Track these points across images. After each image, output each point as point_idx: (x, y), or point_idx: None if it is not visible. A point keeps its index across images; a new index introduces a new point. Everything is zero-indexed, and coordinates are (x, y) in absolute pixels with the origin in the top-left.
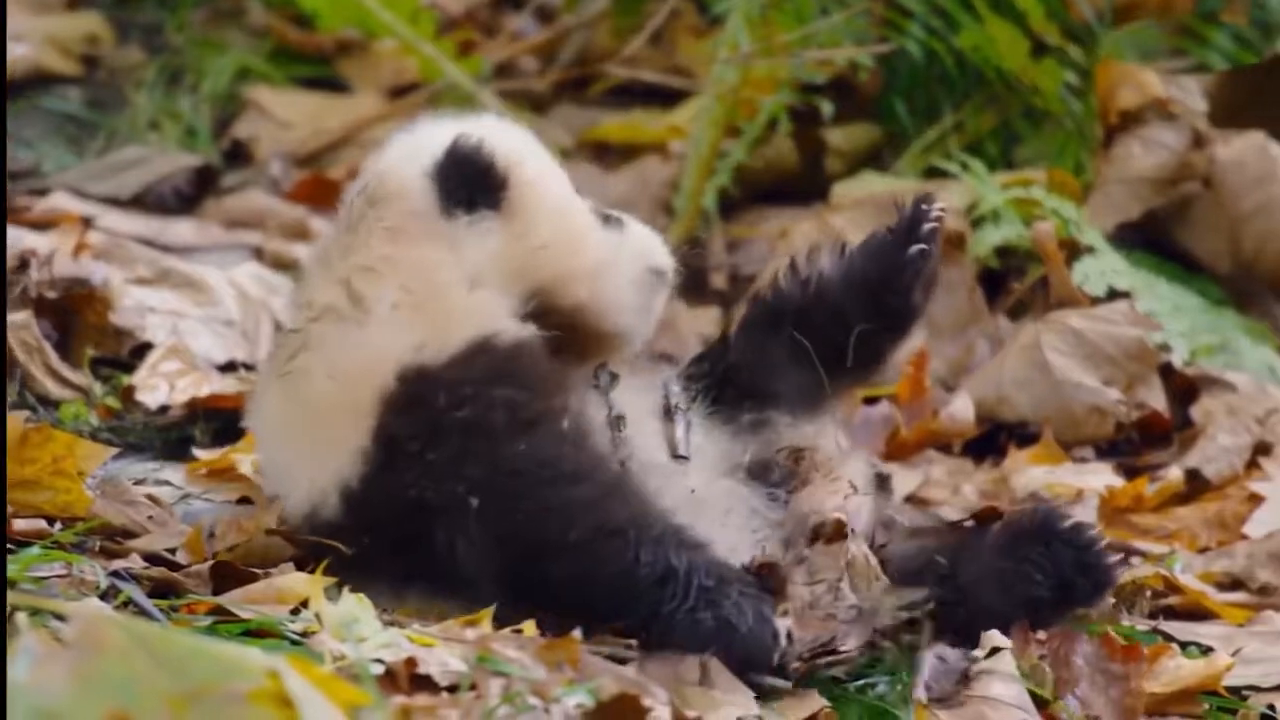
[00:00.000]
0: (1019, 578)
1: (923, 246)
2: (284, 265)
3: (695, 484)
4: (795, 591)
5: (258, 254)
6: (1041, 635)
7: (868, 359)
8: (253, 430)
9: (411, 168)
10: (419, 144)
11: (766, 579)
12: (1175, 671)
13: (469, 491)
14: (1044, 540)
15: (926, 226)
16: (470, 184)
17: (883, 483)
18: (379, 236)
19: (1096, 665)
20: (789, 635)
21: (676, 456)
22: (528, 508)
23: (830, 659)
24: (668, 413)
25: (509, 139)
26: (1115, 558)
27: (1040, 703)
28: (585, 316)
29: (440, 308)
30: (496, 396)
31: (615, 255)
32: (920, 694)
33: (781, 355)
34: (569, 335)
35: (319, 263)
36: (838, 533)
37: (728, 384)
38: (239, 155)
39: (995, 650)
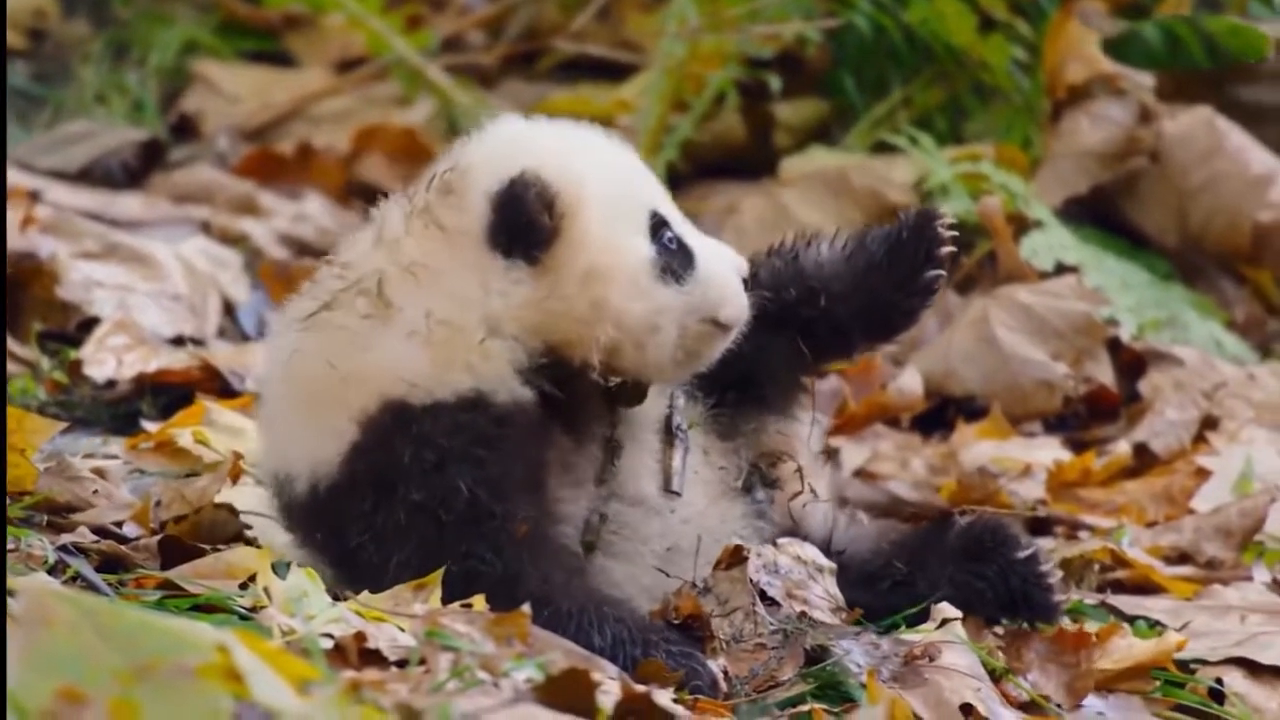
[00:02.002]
0: (972, 591)
1: (939, 272)
2: (232, 239)
3: (692, 511)
4: (718, 626)
5: (205, 228)
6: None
7: (847, 357)
8: (258, 374)
9: (485, 180)
10: (507, 154)
11: (692, 627)
12: (1126, 649)
13: (401, 569)
14: (997, 562)
15: (943, 250)
16: (513, 232)
17: (831, 458)
18: (433, 238)
19: (1048, 656)
20: (726, 675)
21: (668, 491)
22: (454, 594)
23: (773, 689)
24: (669, 434)
25: (579, 178)
26: (1061, 596)
27: (993, 675)
28: (611, 371)
29: (449, 349)
30: (460, 479)
31: (662, 317)
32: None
33: (779, 359)
34: (579, 391)
35: (379, 225)
36: (736, 558)
37: (730, 388)
38: (186, 129)
39: (946, 621)
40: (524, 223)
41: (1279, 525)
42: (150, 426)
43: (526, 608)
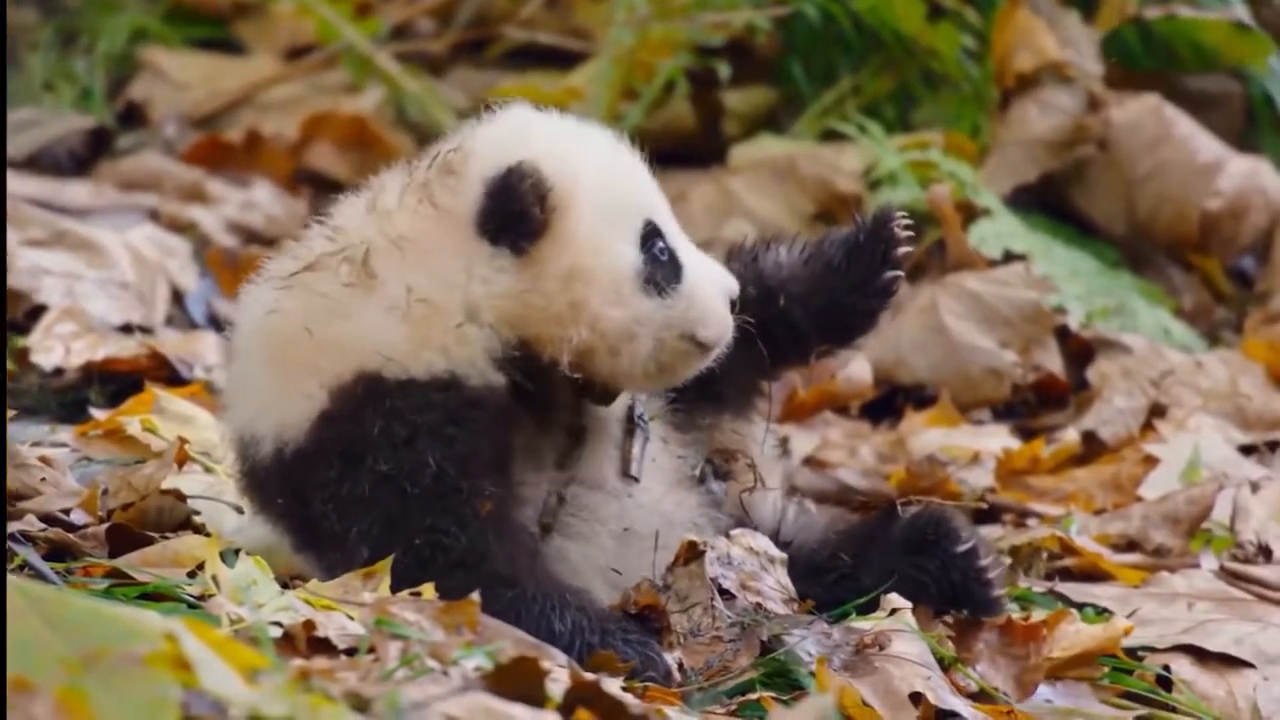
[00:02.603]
0: (916, 584)
1: (897, 274)
2: (180, 227)
3: (649, 498)
4: (677, 622)
5: (153, 216)
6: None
7: (805, 360)
8: (232, 327)
9: (484, 164)
10: (509, 142)
11: (651, 619)
12: (1074, 636)
13: (361, 539)
14: (938, 555)
15: (900, 251)
16: (503, 220)
17: (782, 446)
18: (425, 215)
19: (997, 648)
20: (680, 667)
21: (627, 476)
22: (417, 576)
23: (727, 677)
24: (630, 425)
25: (576, 176)
26: (1001, 590)
27: (942, 664)
28: (582, 373)
29: (425, 327)
30: (429, 454)
31: (639, 327)
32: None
33: (738, 360)
34: (549, 382)
35: (375, 193)
36: (693, 554)
37: (689, 385)
38: (134, 117)
39: (895, 610)
40: (515, 212)
41: (1226, 513)
42: (99, 414)
43: (476, 596)
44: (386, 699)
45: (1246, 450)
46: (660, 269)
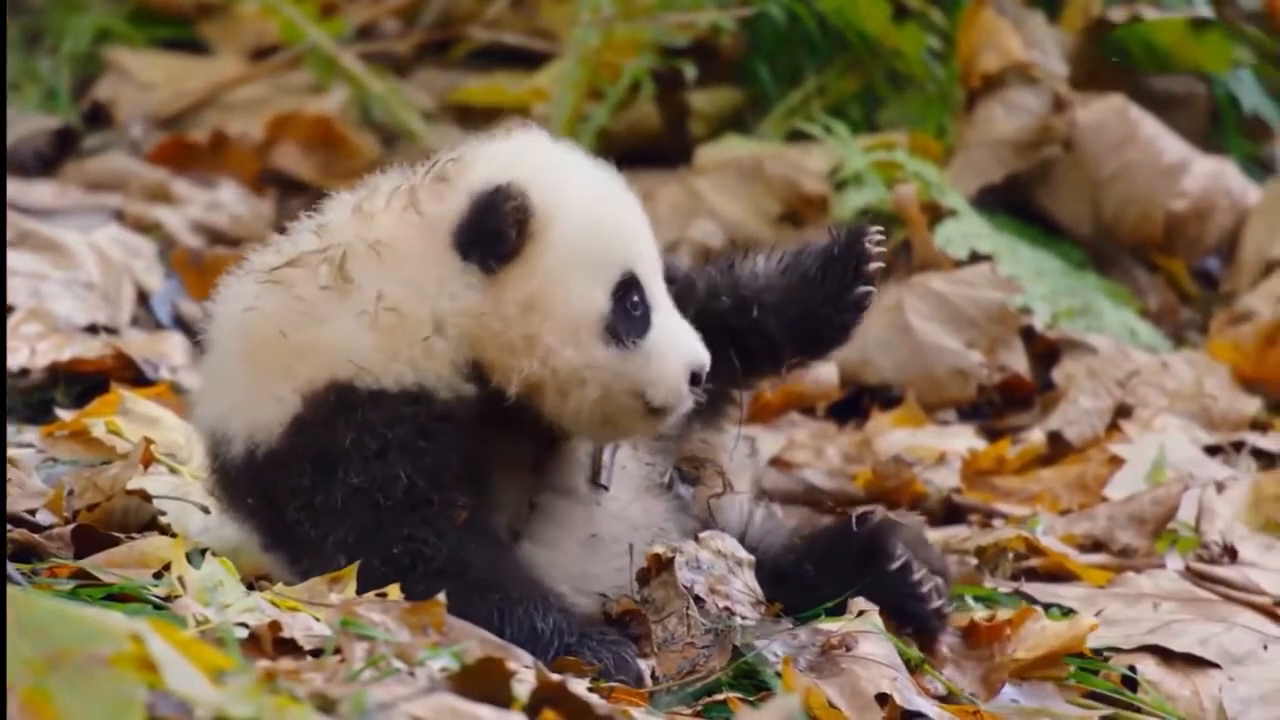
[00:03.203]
0: (875, 597)
1: (869, 288)
2: (145, 227)
3: (616, 505)
4: (654, 631)
5: (119, 216)
6: None
7: (777, 371)
8: (210, 318)
9: (475, 178)
10: (507, 162)
11: (632, 625)
12: (1040, 635)
13: (338, 548)
14: (874, 573)
15: (872, 266)
16: (478, 236)
17: (751, 448)
18: (408, 221)
19: (962, 650)
20: (653, 673)
21: (596, 484)
22: (399, 576)
23: (696, 678)
24: None
25: (561, 209)
26: (937, 603)
27: (909, 665)
28: (531, 407)
29: (393, 337)
30: (400, 467)
31: (590, 373)
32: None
33: (711, 370)
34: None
35: (366, 193)
36: (662, 565)
37: None
38: (99, 117)
39: (862, 612)
40: (491, 230)
41: (1192, 513)
42: (64, 415)
43: (442, 597)
44: (352, 700)
45: (1212, 451)
46: (626, 321)
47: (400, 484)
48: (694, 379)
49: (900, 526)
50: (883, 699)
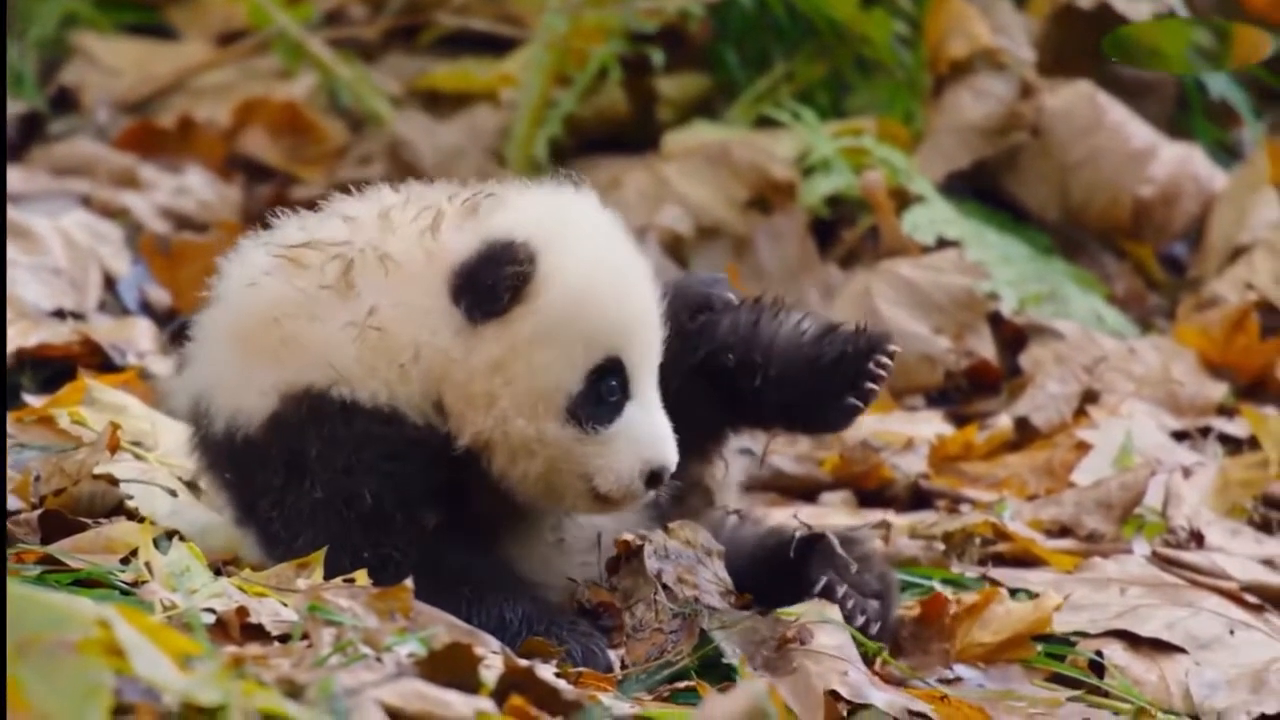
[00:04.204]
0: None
1: (859, 404)
2: (112, 213)
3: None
4: (624, 619)
5: (85, 202)
6: None
7: (763, 432)
8: (220, 273)
9: (495, 225)
10: (535, 217)
11: (604, 617)
12: (1005, 618)
13: (308, 548)
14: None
15: (869, 386)
16: (471, 284)
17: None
18: (424, 243)
19: (915, 635)
20: (622, 662)
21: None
22: (371, 577)
23: (664, 664)
24: None
25: (562, 281)
26: (867, 623)
27: (866, 655)
28: (481, 459)
29: (374, 356)
30: (364, 487)
31: (540, 447)
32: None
33: (706, 410)
34: None
35: (401, 199)
36: (631, 553)
37: None
38: (66, 102)
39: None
40: (486, 285)
41: (1158, 498)
42: (32, 400)
43: (409, 583)
44: (320, 685)
45: (1179, 436)
46: (594, 407)
47: (365, 502)
48: (653, 478)
49: (828, 553)
50: (834, 695)
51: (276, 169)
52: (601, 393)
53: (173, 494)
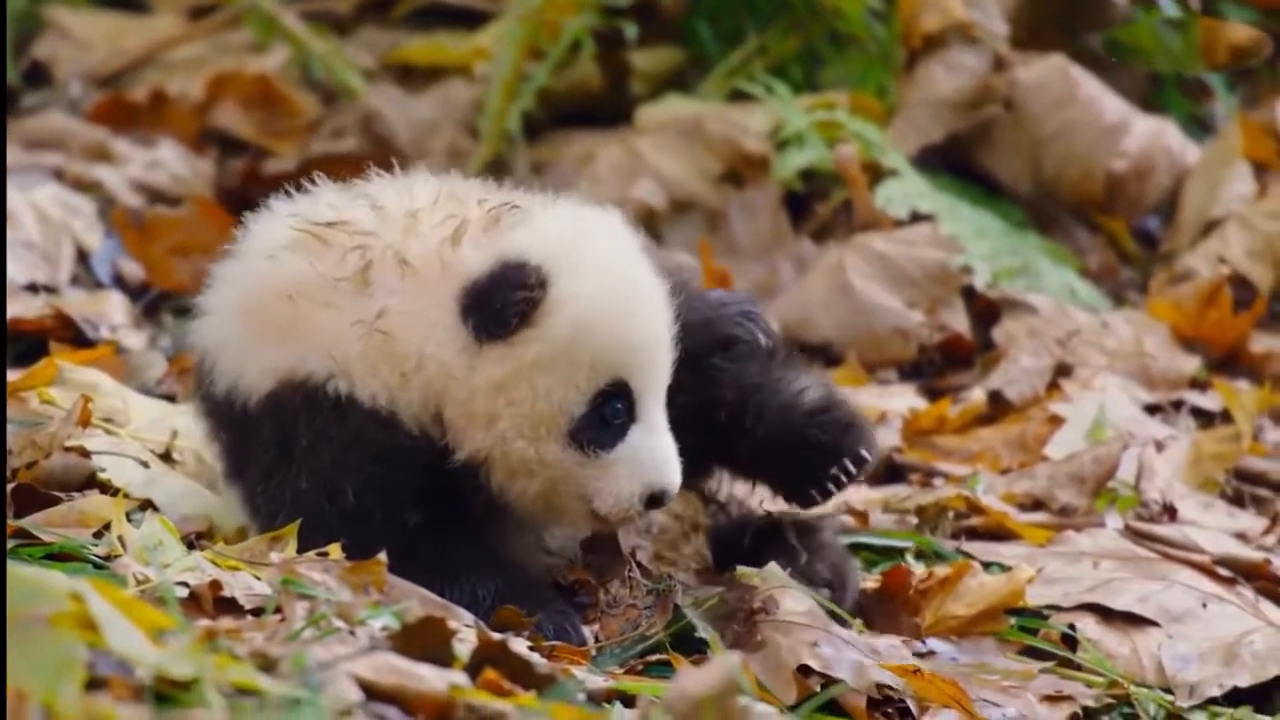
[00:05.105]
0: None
1: (819, 502)
2: (85, 187)
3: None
4: (598, 596)
5: (58, 175)
6: None
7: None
8: (245, 229)
9: (513, 243)
10: (553, 237)
11: (580, 592)
12: (978, 590)
13: (286, 523)
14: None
15: (831, 488)
16: (480, 303)
17: None
18: (444, 250)
19: (883, 609)
20: (596, 637)
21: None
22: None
23: (637, 638)
24: None
25: (573, 305)
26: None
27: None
28: (479, 472)
29: (377, 358)
30: (348, 484)
31: (540, 468)
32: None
33: (699, 448)
34: None
35: (434, 197)
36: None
37: None
38: (38, 76)
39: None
40: (495, 307)
41: (1131, 472)
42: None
43: (383, 556)
44: (293, 659)
45: (1151, 410)
46: (597, 430)
47: (347, 498)
48: (652, 500)
49: (781, 542)
50: (805, 670)
51: (249, 142)
52: (605, 416)
53: (144, 465)
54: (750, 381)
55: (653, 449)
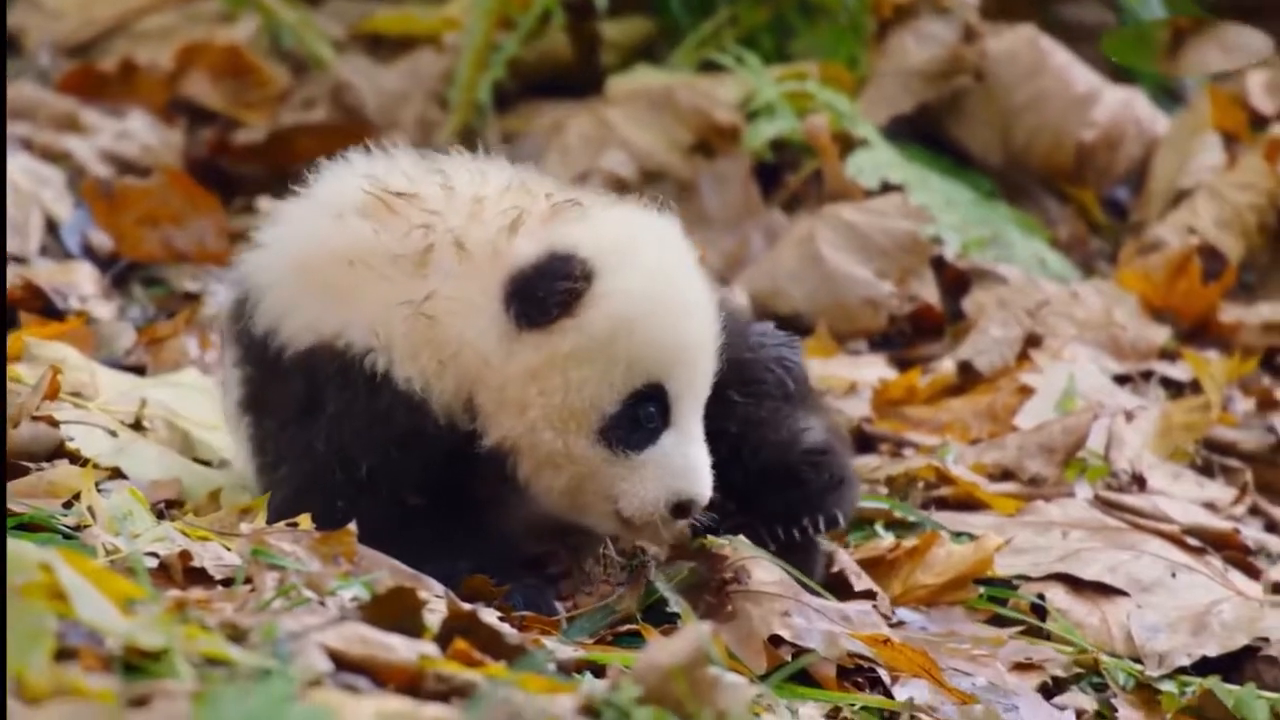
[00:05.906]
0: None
1: (783, 540)
2: (54, 157)
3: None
4: (572, 571)
5: (27, 146)
6: None
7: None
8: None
9: (566, 236)
10: (606, 235)
11: (551, 564)
12: (946, 560)
13: (285, 482)
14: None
15: (794, 533)
16: (524, 291)
17: None
18: (502, 239)
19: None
20: (567, 610)
21: None
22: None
23: (607, 609)
24: None
25: (614, 301)
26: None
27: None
28: (506, 462)
29: (418, 342)
30: (363, 461)
31: (568, 462)
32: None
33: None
34: None
35: (505, 184)
36: None
37: None
38: (8, 45)
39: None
40: (539, 296)
41: (1101, 442)
42: None
43: (353, 526)
44: (263, 629)
45: (1121, 380)
46: (629, 431)
47: (358, 471)
48: (679, 509)
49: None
50: (776, 640)
51: (219, 113)
52: (639, 417)
53: (113, 434)
54: (757, 417)
55: (684, 456)
